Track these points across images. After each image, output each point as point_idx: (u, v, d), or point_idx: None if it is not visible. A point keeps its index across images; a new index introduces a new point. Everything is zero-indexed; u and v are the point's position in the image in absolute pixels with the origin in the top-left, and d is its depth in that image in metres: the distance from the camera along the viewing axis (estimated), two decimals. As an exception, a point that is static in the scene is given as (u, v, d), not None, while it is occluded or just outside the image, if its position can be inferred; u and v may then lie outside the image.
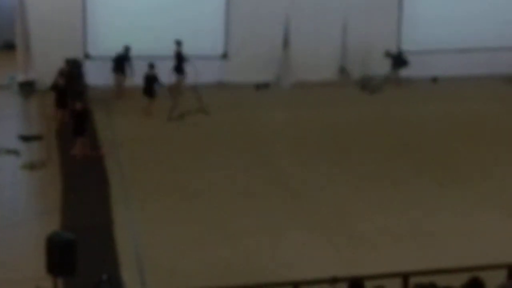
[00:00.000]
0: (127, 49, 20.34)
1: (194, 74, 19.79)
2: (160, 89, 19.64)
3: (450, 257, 12.71)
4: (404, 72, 22.47)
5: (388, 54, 22.19)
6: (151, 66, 19.52)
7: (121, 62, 20.40)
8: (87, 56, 20.98)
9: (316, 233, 13.82)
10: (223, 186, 15.64)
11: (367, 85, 21.95)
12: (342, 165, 16.81)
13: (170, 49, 20.29)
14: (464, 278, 9.25)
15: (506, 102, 21.14)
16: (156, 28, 20.86)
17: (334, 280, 10.03)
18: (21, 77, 20.67)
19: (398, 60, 22.29)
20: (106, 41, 20.84)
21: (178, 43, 20.29)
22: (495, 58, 23.08)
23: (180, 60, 20.33)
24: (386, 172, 16.47)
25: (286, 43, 22.03)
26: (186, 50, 20.30)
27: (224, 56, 21.93)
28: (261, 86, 21.80)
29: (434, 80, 22.69)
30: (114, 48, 20.39)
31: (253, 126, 19.09)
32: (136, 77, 20.12)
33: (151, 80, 19.53)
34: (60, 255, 10.52)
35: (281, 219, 14.29)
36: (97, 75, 20.51)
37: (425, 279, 9.55)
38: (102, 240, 13.34)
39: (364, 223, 14.18)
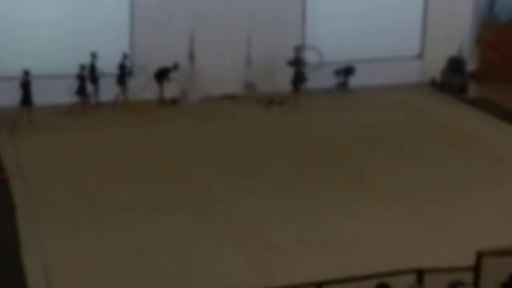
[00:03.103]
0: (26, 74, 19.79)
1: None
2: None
3: (361, 264, 12.78)
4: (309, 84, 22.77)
5: (290, 63, 22.36)
6: None
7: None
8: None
9: (229, 246, 13.73)
10: (135, 203, 15.39)
11: (274, 97, 22.09)
12: (252, 177, 16.78)
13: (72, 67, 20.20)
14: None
15: (410, 110, 21.72)
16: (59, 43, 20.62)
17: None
18: None
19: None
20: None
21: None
22: (399, 67, 23.70)
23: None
24: (295, 182, 16.54)
25: (191, 57, 21.99)
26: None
27: (129, 73, 21.74)
28: (169, 102, 21.69)
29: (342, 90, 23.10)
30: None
31: (162, 142, 18.91)
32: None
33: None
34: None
35: (193, 234, 14.16)
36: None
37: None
38: (9, 265, 12.90)
39: (275, 234, 14.17)
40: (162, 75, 21.48)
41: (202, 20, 21.74)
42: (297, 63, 22.05)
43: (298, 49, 22.14)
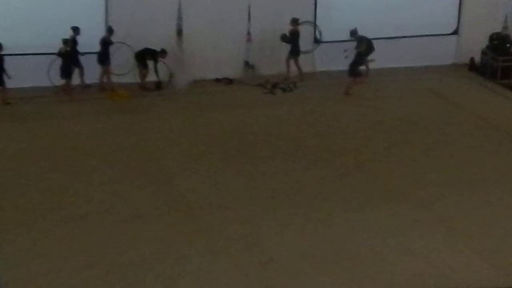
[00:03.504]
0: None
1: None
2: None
3: (382, 283, 12.87)
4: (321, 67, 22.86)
5: (285, 38, 22.36)
6: None
7: None
8: None
9: (222, 260, 13.72)
10: (111, 207, 15.43)
11: (279, 82, 22.13)
12: (249, 178, 16.82)
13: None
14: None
15: (442, 97, 21.74)
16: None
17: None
18: None
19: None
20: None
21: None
22: (431, 46, 23.69)
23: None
24: (301, 185, 16.55)
25: (179, 33, 22.00)
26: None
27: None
28: (152, 86, 21.73)
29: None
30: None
31: (145, 134, 19.02)
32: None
33: None
34: None
35: (181, 244, 14.16)
36: None
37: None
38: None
39: (277, 246, 14.15)
40: (145, 56, 21.53)
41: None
42: (294, 38, 22.10)
43: (296, 22, 22.18)
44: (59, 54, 20.75)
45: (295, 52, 22.48)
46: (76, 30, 20.92)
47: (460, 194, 16.27)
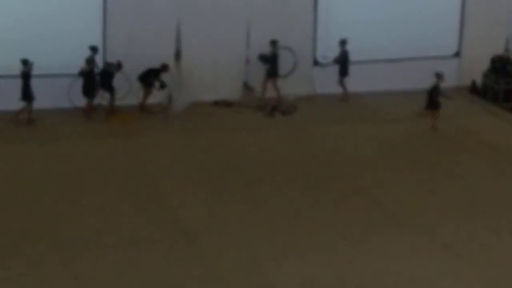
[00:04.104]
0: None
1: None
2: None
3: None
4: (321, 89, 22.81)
5: (264, 59, 22.31)
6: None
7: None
8: None
9: (222, 286, 13.58)
10: (103, 233, 15.28)
11: (279, 104, 22.10)
12: (248, 202, 16.72)
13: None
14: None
15: (443, 121, 21.64)
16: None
17: None
18: None
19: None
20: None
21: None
22: (431, 69, 23.61)
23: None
24: (301, 209, 16.46)
25: (178, 55, 21.97)
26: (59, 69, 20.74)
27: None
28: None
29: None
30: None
31: (141, 158, 18.95)
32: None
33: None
34: None
35: (176, 272, 14.01)
36: None
37: None
38: None
39: (277, 273, 14.03)
40: (149, 77, 21.42)
41: (190, 10, 21.77)
42: (273, 59, 22.03)
43: (275, 43, 22.11)
44: (81, 73, 20.87)
45: (273, 73, 22.37)
46: (94, 49, 20.97)
47: (463, 219, 16.19)
